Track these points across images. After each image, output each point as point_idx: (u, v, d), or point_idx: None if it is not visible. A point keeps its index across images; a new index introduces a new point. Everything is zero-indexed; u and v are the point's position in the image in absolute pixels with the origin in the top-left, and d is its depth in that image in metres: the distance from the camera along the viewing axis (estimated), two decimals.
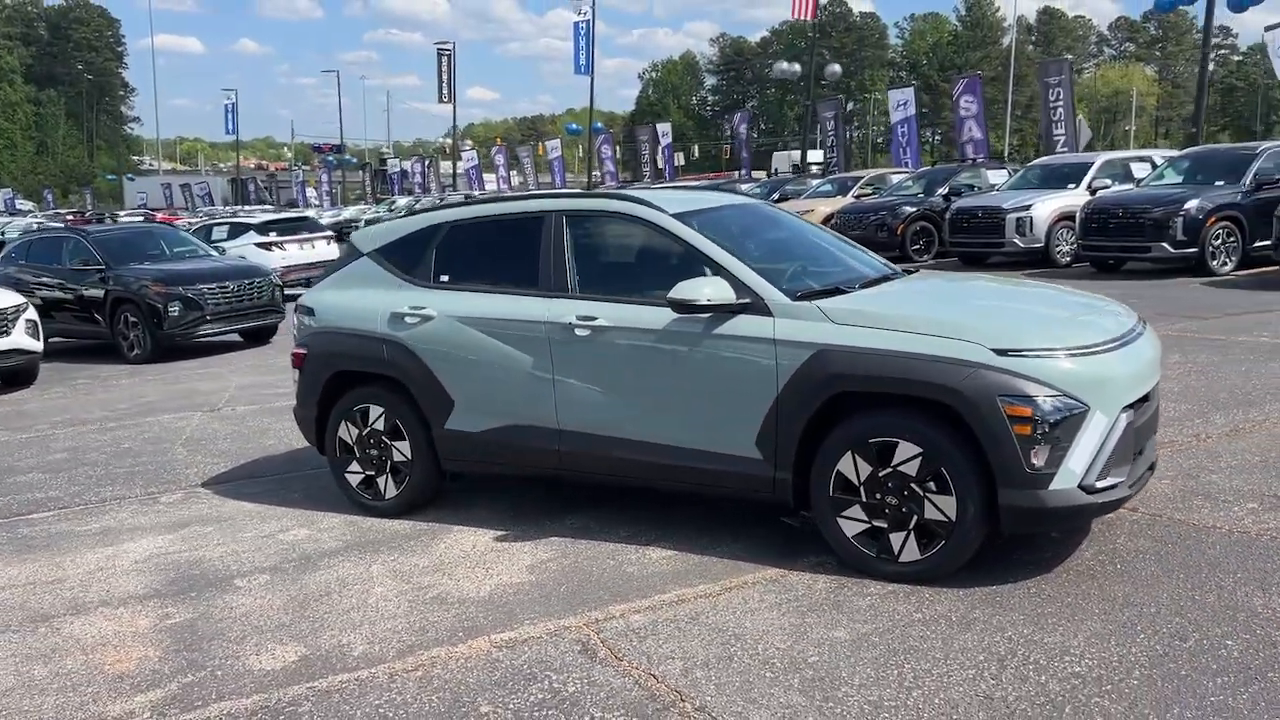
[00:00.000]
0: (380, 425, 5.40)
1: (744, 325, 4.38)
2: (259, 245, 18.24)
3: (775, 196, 21.60)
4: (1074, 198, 15.60)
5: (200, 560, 5.00)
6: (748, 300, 4.39)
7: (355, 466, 5.53)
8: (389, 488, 5.45)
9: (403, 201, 39.50)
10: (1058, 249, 15.72)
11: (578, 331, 4.79)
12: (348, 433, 5.51)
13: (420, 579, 4.56)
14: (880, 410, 4.12)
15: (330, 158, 66.81)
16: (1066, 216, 15.43)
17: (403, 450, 5.36)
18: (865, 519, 4.16)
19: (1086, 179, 16.06)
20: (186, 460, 7.04)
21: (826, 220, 18.14)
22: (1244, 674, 3.24)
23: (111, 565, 5.01)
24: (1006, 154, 53.46)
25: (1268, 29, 20.17)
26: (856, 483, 4.15)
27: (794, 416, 4.23)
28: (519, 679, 3.55)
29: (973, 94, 23.48)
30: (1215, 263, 13.26)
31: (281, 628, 4.13)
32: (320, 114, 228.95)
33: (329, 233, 20.51)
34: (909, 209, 18.29)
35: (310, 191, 62.94)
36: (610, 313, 4.74)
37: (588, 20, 38.84)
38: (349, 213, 39.21)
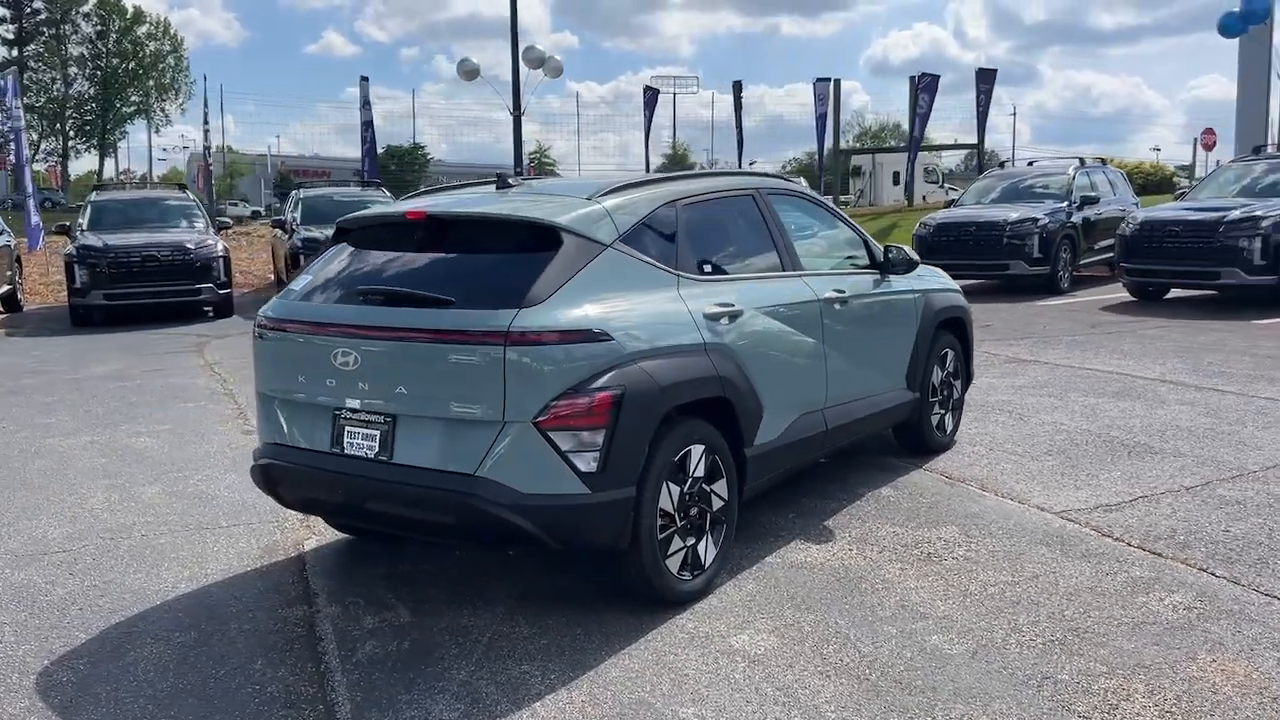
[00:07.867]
0: (701, 470, 3.95)
1: (899, 281, 5.61)
2: None
3: None
4: None
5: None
6: None
7: (676, 543, 3.85)
8: (708, 551, 3.98)
9: None
10: None
11: (836, 306, 4.90)
12: (669, 498, 3.80)
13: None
14: (943, 330, 5.99)
15: None
16: None
17: (720, 493, 4.06)
18: (941, 410, 6.02)
19: None
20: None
21: None
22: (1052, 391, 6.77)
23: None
24: None
25: None
26: (937, 385, 5.96)
27: (924, 345, 5.74)
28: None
29: None
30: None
31: None
32: None
33: None
34: None
35: None
36: (848, 284, 5.11)
37: None
38: None
